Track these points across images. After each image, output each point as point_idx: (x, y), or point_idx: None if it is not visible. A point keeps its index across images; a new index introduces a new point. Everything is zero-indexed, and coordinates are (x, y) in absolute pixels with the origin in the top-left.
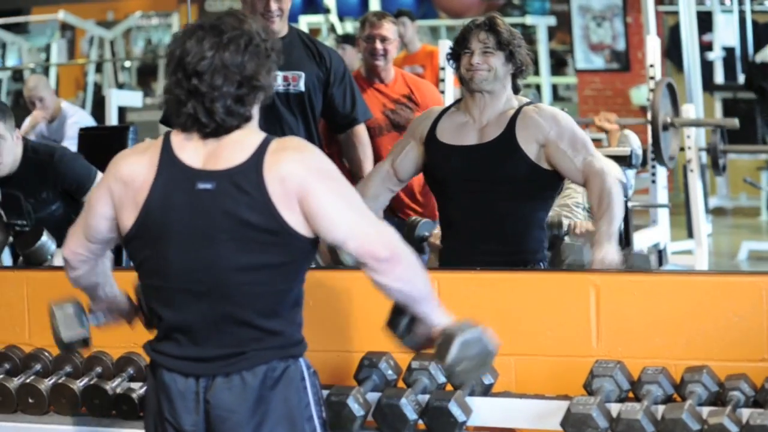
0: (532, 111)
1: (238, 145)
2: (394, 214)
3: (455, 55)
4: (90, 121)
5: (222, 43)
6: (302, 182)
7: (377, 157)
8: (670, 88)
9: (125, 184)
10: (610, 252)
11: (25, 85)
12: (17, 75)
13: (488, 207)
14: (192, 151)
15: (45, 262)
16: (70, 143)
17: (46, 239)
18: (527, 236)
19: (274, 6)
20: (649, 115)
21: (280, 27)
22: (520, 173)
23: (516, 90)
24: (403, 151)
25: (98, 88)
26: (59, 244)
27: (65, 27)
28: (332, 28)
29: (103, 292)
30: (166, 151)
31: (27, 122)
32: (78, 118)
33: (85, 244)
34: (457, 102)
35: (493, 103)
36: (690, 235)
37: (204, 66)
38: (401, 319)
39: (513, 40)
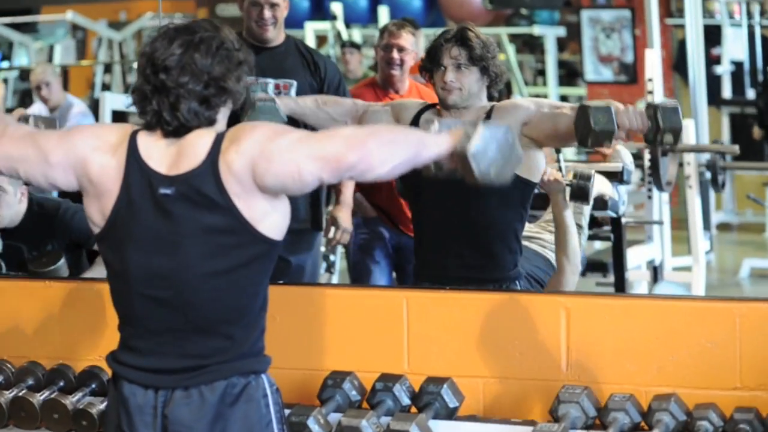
0: (508, 102)
1: (194, 148)
2: (395, 225)
3: (428, 69)
4: (91, 117)
5: (193, 42)
6: (249, 165)
7: None
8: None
9: (92, 183)
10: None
11: (33, 71)
12: (24, 75)
13: (462, 217)
14: (157, 154)
15: None
16: None
17: (62, 264)
18: (502, 251)
19: (267, 14)
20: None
21: (275, 35)
22: None
23: (491, 98)
24: (380, 111)
25: (107, 88)
26: None
27: (76, 27)
28: (338, 35)
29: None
30: (133, 155)
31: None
32: (82, 109)
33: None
34: (428, 107)
35: (468, 113)
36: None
37: (172, 62)
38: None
39: (486, 54)
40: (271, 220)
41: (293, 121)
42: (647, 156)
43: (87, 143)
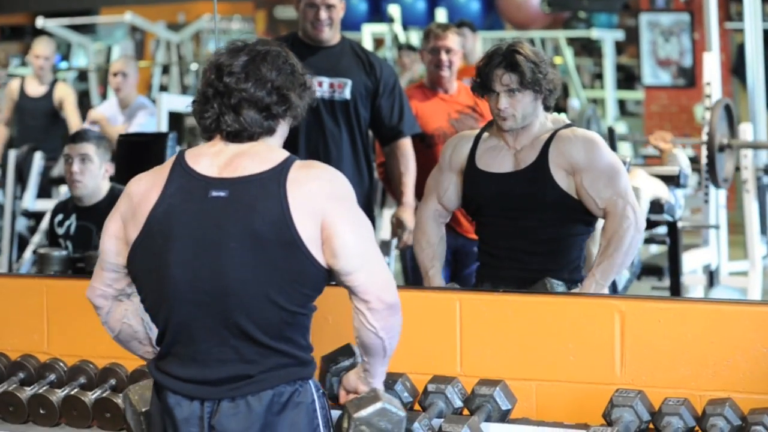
0: (566, 136)
1: (259, 157)
2: (451, 227)
3: (479, 92)
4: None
5: (260, 54)
6: (327, 204)
7: None
8: (728, 109)
9: (131, 198)
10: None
11: (114, 62)
12: (83, 76)
13: (524, 232)
14: (208, 161)
15: None
16: (136, 128)
17: None
18: (564, 259)
19: (323, 15)
20: (704, 136)
21: (330, 36)
22: (553, 202)
23: (547, 109)
24: (443, 186)
25: (165, 89)
26: None
27: (135, 28)
28: (396, 38)
29: (142, 348)
30: (178, 164)
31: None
32: (152, 110)
33: (100, 276)
34: (489, 126)
35: (526, 132)
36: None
37: (237, 67)
38: (346, 361)
39: (537, 74)
40: (320, 245)
41: None
42: (704, 157)
43: (130, 182)
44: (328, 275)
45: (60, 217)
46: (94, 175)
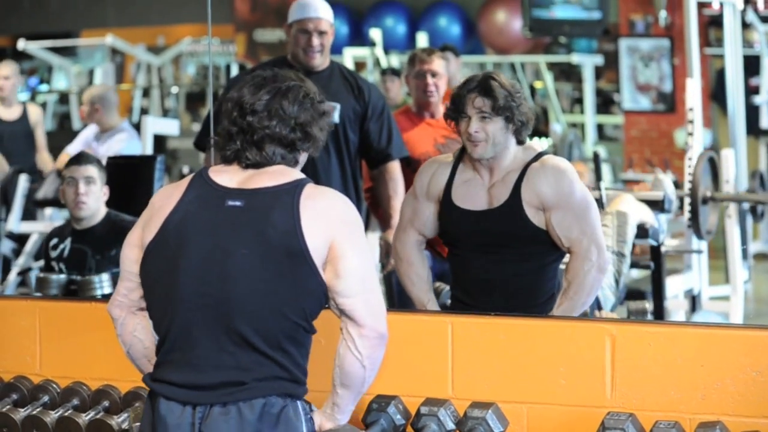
0: (535, 170)
1: (276, 173)
2: (436, 251)
3: (452, 117)
4: (137, 145)
5: (281, 89)
6: (337, 225)
7: None
8: (711, 162)
9: (152, 207)
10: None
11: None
12: (64, 98)
13: (498, 266)
14: (228, 177)
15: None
16: (109, 153)
17: None
18: (537, 291)
19: (315, 42)
20: (687, 182)
21: (321, 61)
22: (527, 238)
23: (520, 143)
24: (423, 215)
25: (145, 112)
26: None
27: (115, 51)
28: (377, 62)
29: (151, 367)
30: (200, 175)
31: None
32: (130, 135)
33: (118, 287)
34: (462, 154)
35: (498, 163)
36: (728, 280)
37: (260, 106)
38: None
39: (510, 102)
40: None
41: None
42: (687, 211)
43: (154, 196)
44: (326, 295)
45: (55, 240)
46: (96, 197)
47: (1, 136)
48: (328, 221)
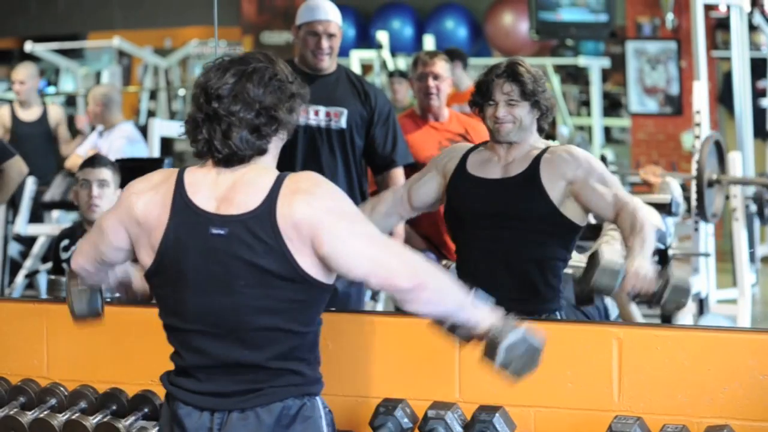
0: (561, 150)
1: (251, 188)
2: (441, 254)
3: (478, 104)
4: (139, 143)
5: (246, 72)
6: (314, 226)
7: None
8: (717, 145)
9: (139, 224)
10: (644, 264)
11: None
12: (71, 100)
13: (506, 248)
14: (205, 192)
15: None
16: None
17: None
18: (542, 286)
19: (325, 44)
20: (694, 171)
21: (329, 64)
22: (538, 212)
23: (541, 130)
24: (422, 180)
25: (152, 115)
26: None
27: (122, 53)
28: (384, 64)
29: (114, 279)
30: (179, 193)
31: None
32: (126, 134)
33: (94, 264)
34: (484, 143)
35: (519, 146)
36: (735, 283)
37: (225, 91)
38: (442, 324)
39: (537, 88)
40: (323, 265)
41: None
42: (693, 192)
43: (130, 192)
44: (331, 291)
45: (66, 242)
46: (110, 200)
47: (19, 136)
48: (307, 229)
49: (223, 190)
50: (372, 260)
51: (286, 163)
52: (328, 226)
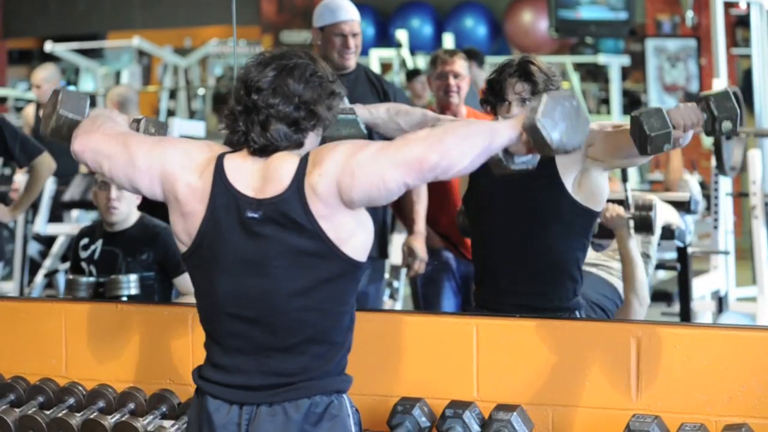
0: None
1: (278, 172)
2: (460, 253)
3: (491, 102)
4: None
5: (287, 66)
6: (333, 185)
7: (448, 191)
8: (735, 96)
9: (178, 201)
10: (686, 104)
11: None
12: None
13: (522, 243)
14: (244, 176)
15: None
16: None
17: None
18: (562, 279)
19: (351, 43)
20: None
21: (353, 63)
22: (556, 204)
23: None
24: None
25: (172, 114)
26: None
27: (142, 53)
28: (403, 63)
29: None
30: (220, 177)
31: None
32: None
33: (110, 149)
34: None
35: None
36: (755, 281)
37: (265, 83)
38: (496, 160)
39: (549, 85)
40: (357, 240)
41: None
42: (713, 186)
43: (177, 159)
44: (364, 270)
45: (85, 240)
46: (128, 201)
47: (41, 136)
48: (329, 193)
49: (258, 176)
50: (396, 164)
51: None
52: (342, 171)
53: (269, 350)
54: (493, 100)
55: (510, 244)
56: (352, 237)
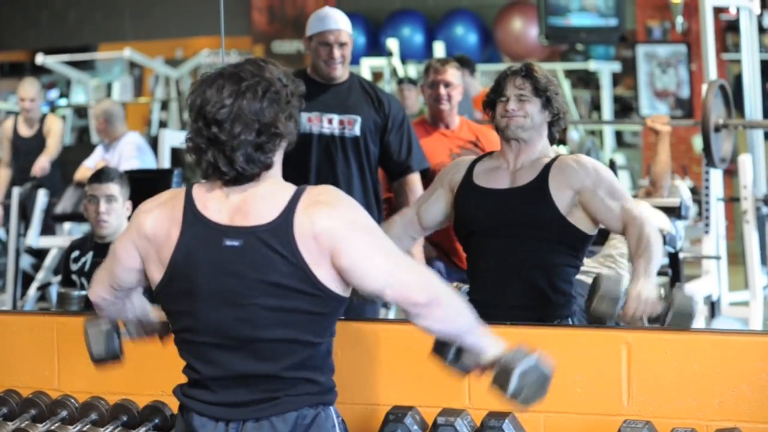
0: (570, 159)
1: (267, 201)
2: (451, 261)
3: (491, 103)
4: (146, 152)
5: (240, 90)
6: (334, 238)
7: None
8: (723, 89)
9: (149, 240)
10: (647, 287)
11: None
12: (82, 112)
13: (516, 256)
14: (216, 205)
15: None
16: (129, 163)
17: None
18: (554, 290)
19: (337, 53)
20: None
21: (342, 73)
22: (547, 222)
23: (552, 139)
24: (430, 199)
25: (164, 125)
26: None
27: (133, 64)
28: (394, 71)
29: (133, 315)
30: (190, 207)
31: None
32: (132, 140)
33: (111, 291)
34: (488, 153)
35: (528, 150)
36: (747, 286)
37: (223, 114)
38: (448, 348)
39: (549, 87)
40: (340, 278)
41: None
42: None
43: (139, 212)
44: (346, 303)
45: (76, 253)
46: (118, 214)
47: (19, 150)
48: (324, 242)
49: (236, 203)
50: (389, 273)
51: (301, 172)
52: (348, 238)
53: (252, 377)
54: (492, 96)
55: (500, 260)
56: (336, 275)
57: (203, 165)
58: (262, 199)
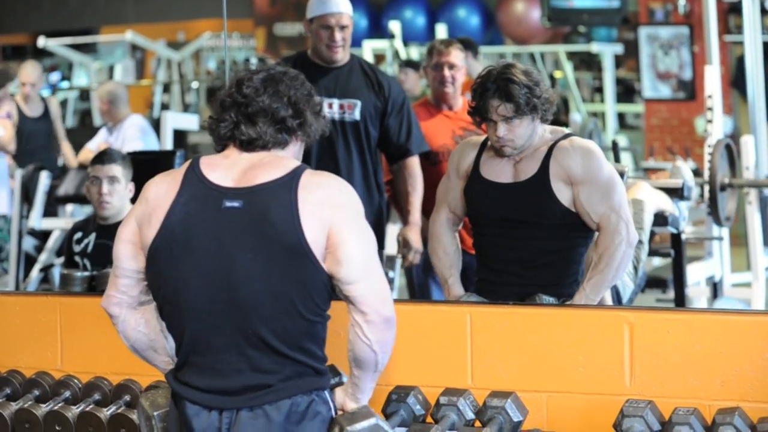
0: (564, 148)
1: (271, 166)
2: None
3: (476, 113)
4: (149, 134)
5: (278, 74)
6: (334, 212)
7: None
8: (728, 148)
9: (148, 203)
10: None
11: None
12: (84, 95)
13: (522, 245)
14: (222, 172)
15: None
16: (132, 144)
17: None
18: (562, 272)
19: (338, 36)
20: (706, 175)
21: (343, 56)
22: (552, 215)
23: (545, 120)
24: (453, 193)
25: (166, 108)
26: None
27: (135, 47)
28: (396, 54)
29: (158, 358)
30: (192, 171)
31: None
32: (136, 122)
33: (114, 283)
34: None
35: (528, 147)
36: (749, 267)
37: (257, 82)
38: (332, 380)
39: (533, 99)
40: (325, 252)
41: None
42: (706, 197)
43: (146, 186)
44: (331, 286)
45: (79, 234)
46: (121, 195)
47: (24, 132)
48: (326, 212)
49: (242, 169)
50: (370, 272)
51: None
52: (348, 220)
53: (240, 346)
54: (477, 117)
55: (509, 242)
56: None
57: (223, 126)
58: (267, 165)
